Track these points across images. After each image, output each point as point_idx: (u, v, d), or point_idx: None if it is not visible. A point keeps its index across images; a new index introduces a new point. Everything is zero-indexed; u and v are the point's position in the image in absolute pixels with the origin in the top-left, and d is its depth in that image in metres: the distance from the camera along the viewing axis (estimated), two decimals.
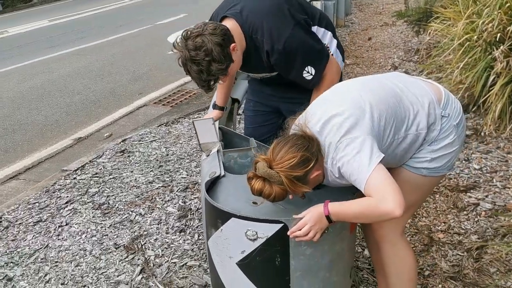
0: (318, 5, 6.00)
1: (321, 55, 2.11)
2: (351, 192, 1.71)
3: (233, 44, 1.93)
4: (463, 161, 3.45)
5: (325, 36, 2.22)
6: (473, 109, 4.07)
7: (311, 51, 2.07)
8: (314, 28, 2.17)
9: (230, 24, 2.01)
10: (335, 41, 2.27)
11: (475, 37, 3.90)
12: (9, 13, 17.22)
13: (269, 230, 1.61)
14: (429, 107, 1.66)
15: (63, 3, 18.56)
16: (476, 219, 2.82)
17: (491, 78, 3.71)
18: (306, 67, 2.07)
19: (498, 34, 3.65)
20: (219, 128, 2.35)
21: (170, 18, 11.47)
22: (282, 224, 1.59)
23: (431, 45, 6.08)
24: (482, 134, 3.78)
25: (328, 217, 1.55)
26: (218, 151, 2.11)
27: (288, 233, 1.58)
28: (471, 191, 3.10)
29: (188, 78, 6.73)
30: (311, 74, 2.08)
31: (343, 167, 1.53)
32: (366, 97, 1.61)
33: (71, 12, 14.46)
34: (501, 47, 3.60)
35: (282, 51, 2.00)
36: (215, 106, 2.54)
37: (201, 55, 1.83)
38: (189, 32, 1.88)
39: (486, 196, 3.02)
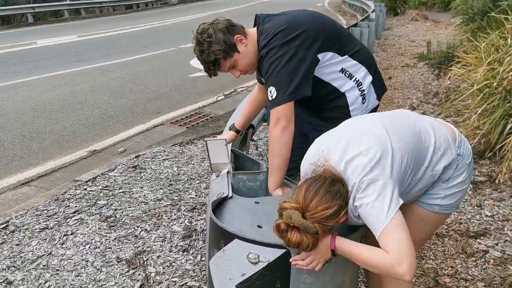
0: None
1: (289, 90, 2.02)
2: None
3: (238, 35, 2.11)
4: (475, 207, 3.40)
5: (357, 70, 2.18)
6: (489, 155, 4.03)
7: (284, 76, 2.02)
8: (343, 57, 2.14)
9: (252, 28, 2.22)
10: (370, 77, 2.21)
11: (495, 84, 3.90)
12: (40, 25, 17.77)
13: (272, 254, 1.60)
14: (446, 148, 1.66)
15: (94, 20, 19.10)
16: (484, 266, 2.76)
17: (509, 126, 3.69)
18: (270, 87, 2.04)
19: None
20: (232, 150, 2.36)
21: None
22: (285, 250, 1.58)
23: (450, 89, 6.08)
24: (497, 181, 3.73)
25: (333, 251, 1.53)
26: (228, 172, 2.12)
27: (291, 260, 1.57)
28: (481, 237, 3.04)
29: (206, 101, 6.82)
30: (271, 97, 2.04)
31: (360, 208, 1.50)
32: (389, 137, 1.58)
33: (100, 30, 14.85)
34: None
35: (265, 53, 2.05)
36: (232, 127, 2.55)
37: (204, 36, 2.09)
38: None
39: (496, 244, 2.96)
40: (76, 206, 3.46)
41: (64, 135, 5.32)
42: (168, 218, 3.29)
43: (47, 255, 2.87)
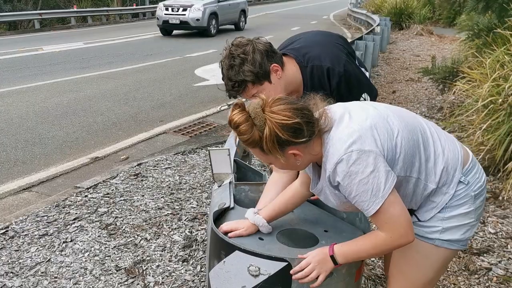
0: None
1: (371, 86, 2.15)
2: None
3: (275, 64, 1.90)
4: (479, 224, 3.36)
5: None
6: (493, 172, 4.01)
7: (363, 79, 2.12)
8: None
9: (286, 58, 2.02)
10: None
11: (500, 100, 3.88)
12: (46, 32, 17.88)
13: (273, 267, 1.57)
14: (450, 165, 1.53)
15: (100, 28, 19.23)
16: (487, 284, 2.72)
17: None
18: (363, 94, 2.08)
19: None
20: (234, 160, 2.35)
21: (199, 52, 11.76)
22: (286, 263, 1.56)
23: (454, 104, 6.07)
24: (500, 198, 3.70)
25: (332, 258, 1.51)
26: (230, 182, 2.10)
27: (291, 271, 1.55)
28: (484, 255, 3.01)
29: (210, 110, 6.80)
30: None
31: (350, 184, 1.40)
32: (388, 113, 1.53)
33: (106, 38, 14.94)
34: None
35: (343, 73, 1.99)
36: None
37: (238, 51, 1.85)
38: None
39: (499, 262, 2.92)
40: (76, 213, 3.44)
41: (67, 141, 5.32)
42: (169, 227, 3.26)
43: (46, 262, 2.85)
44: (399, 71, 9.38)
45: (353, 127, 1.43)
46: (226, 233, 1.71)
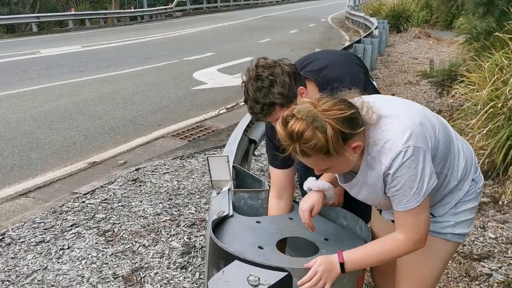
0: None
1: None
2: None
3: (302, 87, 1.85)
4: (479, 229, 3.35)
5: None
6: (492, 176, 3.99)
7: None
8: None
9: (305, 81, 1.96)
10: None
11: (500, 104, 3.87)
12: (44, 35, 17.87)
13: (273, 277, 1.55)
14: (468, 162, 1.63)
15: (98, 31, 19.22)
16: None
17: None
18: None
19: None
20: (233, 167, 2.33)
21: (197, 55, 11.74)
22: (286, 273, 1.53)
23: (453, 108, 6.06)
24: (500, 202, 3.68)
25: (342, 265, 1.50)
26: (229, 189, 2.07)
27: (298, 283, 1.52)
28: (485, 260, 2.98)
29: (208, 114, 6.77)
30: None
31: (397, 173, 1.41)
32: (430, 114, 1.56)
33: (104, 41, 14.92)
34: None
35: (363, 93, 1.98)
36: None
37: (266, 73, 1.78)
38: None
39: (500, 267, 2.90)
40: (73, 219, 3.41)
41: (64, 146, 5.29)
42: (167, 234, 3.24)
43: (43, 270, 2.82)
44: (398, 74, 9.37)
45: (406, 123, 1.44)
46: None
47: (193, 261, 2.93)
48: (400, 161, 1.40)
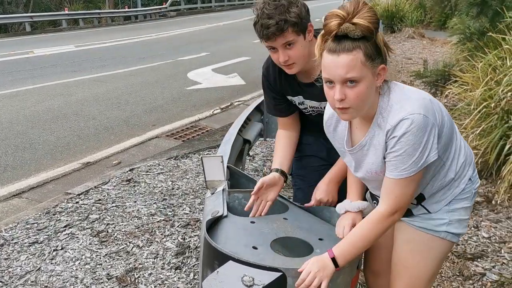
0: None
1: None
2: None
3: (311, 23, 1.86)
4: (472, 228, 3.36)
5: None
6: (486, 176, 4.01)
7: None
8: None
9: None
10: None
11: (493, 104, 3.89)
12: (37, 34, 17.79)
13: (267, 278, 1.55)
14: (467, 160, 1.66)
15: (92, 31, 19.15)
16: None
17: (507, 147, 3.67)
18: None
19: None
20: (228, 167, 2.32)
21: (191, 55, 11.72)
22: (281, 273, 1.53)
23: (447, 108, 6.07)
24: (493, 202, 3.70)
25: (334, 260, 1.51)
26: (223, 190, 2.07)
27: (296, 284, 1.52)
28: (478, 259, 3.00)
29: (203, 114, 6.75)
30: None
31: (403, 137, 1.43)
32: (442, 107, 1.60)
33: (97, 41, 14.87)
34: None
35: None
36: (278, 171, 2.03)
37: None
38: None
39: (493, 267, 2.91)
40: (67, 220, 3.40)
41: (58, 146, 5.26)
42: (161, 234, 3.23)
43: (36, 271, 2.81)
44: (392, 74, 9.39)
45: (419, 95, 1.50)
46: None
47: (187, 261, 2.93)
48: (408, 125, 1.42)
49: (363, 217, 1.71)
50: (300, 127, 2.22)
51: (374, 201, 1.80)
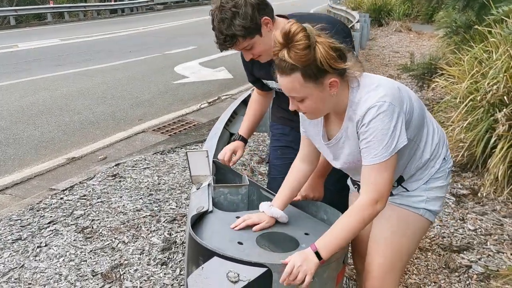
0: None
1: None
2: None
3: (266, 17, 1.88)
4: (458, 220, 3.38)
5: None
6: (472, 168, 4.03)
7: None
8: None
9: (281, 18, 1.99)
10: None
11: (479, 97, 3.90)
12: (22, 28, 17.53)
13: (252, 273, 1.53)
14: (441, 141, 1.74)
15: (77, 24, 18.92)
16: (467, 282, 2.73)
17: (493, 140, 3.69)
18: None
19: (504, 97, 3.66)
20: (214, 162, 2.30)
21: (179, 49, 11.63)
22: (266, 269, 1.52)
23: (433, 101, 6.11)
24: (479, 194, 3.72)
25: (317, 254, 1.50)
26: (209, 185, 2.05)
27: (280, 280, 1.50)
28: (464, 252, 3.02)
29: (190, 108, 6.72)
30: None
31: (371, 124, 1.49)
32: (406, 88, 1.66)
33: (83, 34, 14.69)
34: (504, 110, 3.60)
35: (341, 31, 1.91)
36: (238, 137, 2.35)
37: (229, 4, 1.82)
38: None
39: (479, 259, 2.93)
40: (51, 216, 3.35)
41: (42, 141, 5.19)
42: (147, 230, 3.20)
43: (20, 268, 2.76)
44: (379, 67, 9.41)
45: (386, 85, 1.54)
46: (249, 227, 1.75)
47: (173, 257, 2.90)
48: (374, 112, 1.48)
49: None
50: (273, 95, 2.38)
51: (355, 186, 1.88)
